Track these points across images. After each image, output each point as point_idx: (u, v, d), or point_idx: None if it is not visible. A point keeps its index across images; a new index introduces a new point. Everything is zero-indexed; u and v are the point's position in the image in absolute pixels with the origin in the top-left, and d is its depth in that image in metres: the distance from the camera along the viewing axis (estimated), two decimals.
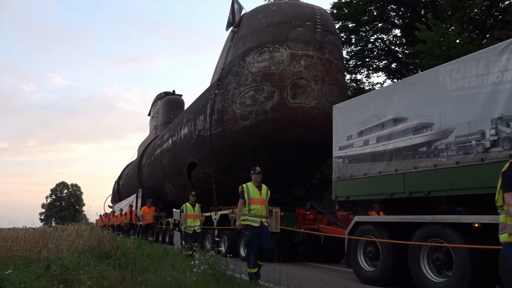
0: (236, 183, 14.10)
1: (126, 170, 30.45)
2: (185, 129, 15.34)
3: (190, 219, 10.98)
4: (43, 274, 6.00)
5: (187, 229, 10.92)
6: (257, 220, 6.97)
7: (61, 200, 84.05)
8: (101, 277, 5.72)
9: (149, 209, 15.78)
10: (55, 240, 9.66)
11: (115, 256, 7.68)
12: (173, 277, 5.59)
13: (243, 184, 7.22)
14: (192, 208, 11.09)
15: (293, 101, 11.24)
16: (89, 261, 6.85)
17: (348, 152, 8.22)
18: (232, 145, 12.37)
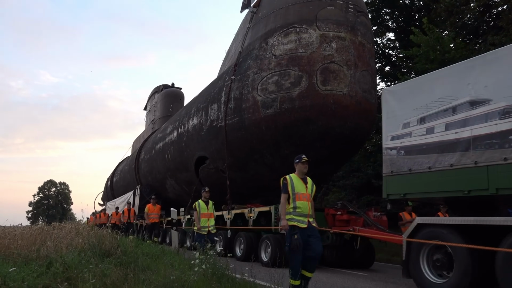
0: (252, 180, 12.91)
1: (121, 166, 28.96)
2: (194, 120, 14.03)
3: (204, 219, 9.68)
4: (45, 272, 5.91)
5: (201, 230, 9.62)
6: (304, 220, 5.73)
7: (49, 199, 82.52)
8: (103, 275, 5.69)
9: (154, 206, 14.40)
10: (54, 238, 9.43)
11: (116, 254, 7.66)
12: (176, 276, 5.59)
13: (286, 176, 5.96)
14: (206, 206, 9.79)
15: (323, 88, 10.04)
16: (90, 259, 6.77)
17: (404, 142, 7.02)
18: (251, 136, 11.12)
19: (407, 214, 10.95)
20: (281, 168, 11.28)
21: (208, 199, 9.91)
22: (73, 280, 5.43)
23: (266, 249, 10.20)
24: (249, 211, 11.08)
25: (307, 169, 5.92)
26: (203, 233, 9.59)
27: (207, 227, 9.64)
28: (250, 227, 11.08)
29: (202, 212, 9.70)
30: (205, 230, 9.61)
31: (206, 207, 9.77)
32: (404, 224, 10.83)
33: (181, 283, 5.32)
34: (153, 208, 14.41)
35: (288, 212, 5.75)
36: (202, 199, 9.88)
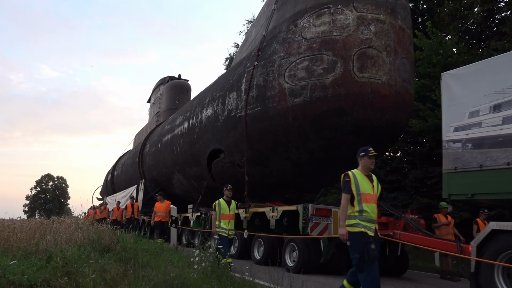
0: (272, 176, 11.85)
1: (123, 160, 27.88)
2: (209, 109, 12.98)
3: (224, 221, 8.59)
4: (44, 266, 5.90)
5: (221, 231, 8.55)
6: (371, 227, 4.72)
7: (46, 193, 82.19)
8: (103, 271, 5.69)
9: (162, 203, 13.28)
10: (53, 232, 9.41)
11: (115, 250, 7.64)
12: (176, 273, 5.58)
13: (348, 172, 4.93)
14: (227, 206, 8.70)
15: (360, 75, 9.00)
16: (89, 254, 6.77)
17: (472, 133, 6.00)
18: (276, 127, 10.07)
19: (442, 216, 9.96)
20: (307, 164, 10.29)
21: (230, 198, 8.86)
22: (73, 274, 5.41)
23: (291, 253, 9.16)
24: (272, 210, 10.04)
25: (373, 165, 4.89)
26: (223, 234, 8.53)
27: (226, 229, 8.58)
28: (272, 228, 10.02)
29: (223, 213, 8.64)
30: (225, 232, 8.55)
31: (228, 208, 8.71)
32: (439, 227, 9.84)
33: (181, 280, 5.30)
34: (161, 206, 13.29)
35: (353, 216, 4.72)
36: (224, 198, 8.82)
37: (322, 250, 8.77)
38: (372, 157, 4.86)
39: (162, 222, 13.19)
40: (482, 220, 9.91)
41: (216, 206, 8.68)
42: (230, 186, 8.89)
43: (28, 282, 5.14)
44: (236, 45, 35.63)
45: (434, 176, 13.85)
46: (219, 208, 8.64)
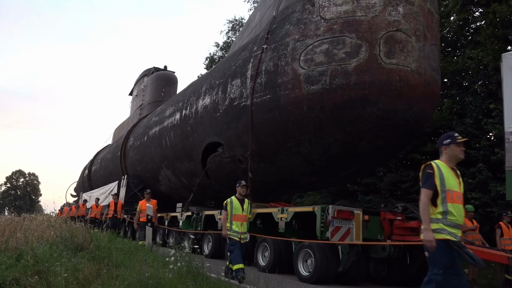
0: (279, 173, 10.68)
1: (102, 154, 26.25)
2: (206, 99, 11.76)
3: (236, 222, 7.43)
4: (14, 264, 5.76)
5: (232, 235, 7.38)
6: (457, 234, 3.70)
7: (16, 189, 79.62)
8: (76, 270, 5.60)
9: (148, 202, 11.98)
10: (24, 229, 9.08)
11: (89, 249, 7.52)
12: (150, 273, 5.54)
13: (431, 162, 3.87)
14: (241, 206, 7.54)
15: (387, 61, 8.00)
16: (62, 253, 6.67)
17: None
18: (287, 118, 8.97)
19: (468, 221, 9.05)
20: (320, 160, 9.24)
21: (244, 196, 7.70)
22: (44, 273, 5.28)
23: (305, 260, 8.07)
24: (281, 211, 8.92)
25: (463, 155, 3.85)
26: (234, 238, 7.36)
27: (239, 232, 7.41)
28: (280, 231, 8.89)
29: (235, 214, 7.48)
30: (237, 235, 7.38)
31: (241, 207, 7.55)
32: (465, 232, 8.92)
33: (156, 280, 5.23)
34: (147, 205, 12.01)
35: (435, 219, 3.68)
36: (237, 196, 7.65)
37: (341, 258, 7.72)
38: (460, 144, 3.82)
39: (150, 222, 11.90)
40: (506, 224, 9.09)
41: (228, 205, 7.52)
42: (244, 182, 7.75)
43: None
44: (216, 45, 34.81)
45: (408, 180, 13.95)
46: (231, 208, 7.48)
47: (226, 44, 33.48)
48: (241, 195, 7.66)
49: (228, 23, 34.14)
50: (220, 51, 34.13)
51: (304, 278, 7.80)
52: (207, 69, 32.90)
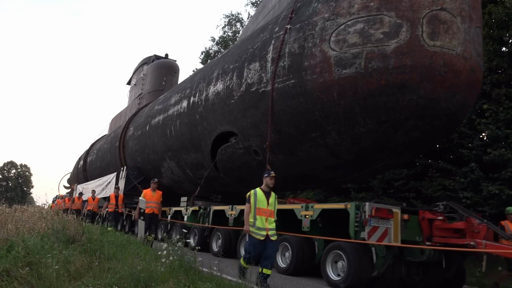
0: (299, 166, 9.80)
1: (98, 145, 25.24)
2: (218, 85, 10.86)
3: (261, 217, 6.55)
4: (5, 256, 5.66)
5: (255, 234, 6.52)
6: None
7: (8, 180, 78.73)
8: (67, 262, 5.60)
9: (153, 192, 11.04)
10: (15, 220, 8.96)
11: (81, 241, 7.47)
12: (143, 266, 5.51)
13: None
14: (266, 199, 6.67)
15: (431, 43, 7.16)
16: (53, 245, 6.62)
17: None
18: (313, 106, 8.12)
19: (510, 224, 8.27)
20: (347, 153, 8.41)
21: (270, 189, 6.83)
22: (35, 265, 5.27)
23: (334, 262, 7.25)
24: (304, 208, 8.08)
25: None
26: (258, 238, 6.50)
27: (264, 229, 6.55)
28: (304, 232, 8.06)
29: (260, 207, 6.60)
30: (262, 233, 6.52)
31: (266, 201, 6.68)
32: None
33: (148, 274, 5.25)
34: (152, 195, 11.07)
35: None
36: (262, 188, 6.79)
37: (375, 262, 6.92)
38: None
39: (154, 215, 10.99)
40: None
41: (251, 197, 6.64)
42: (273, 173, 6.86)
43: None
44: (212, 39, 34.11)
45: (401, 178, 13.93)
46: (254, 200, 6.60)
47: (222, 39, 32.71)
48: (268, 187, 6.79)
49: (225, 18, 33.41)
50: (216, 45, 33.44)
51: (334, 282, 6.99)
52: (202, 63, 32.09)
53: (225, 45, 31.83)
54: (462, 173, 11.89)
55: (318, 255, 7.98)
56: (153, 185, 11.03)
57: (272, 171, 6.98)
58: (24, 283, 4.78)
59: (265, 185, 6.76)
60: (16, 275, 4.89)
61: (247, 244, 6.67)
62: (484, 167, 11.50)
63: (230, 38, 32.49)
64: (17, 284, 4.73)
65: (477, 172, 11.35)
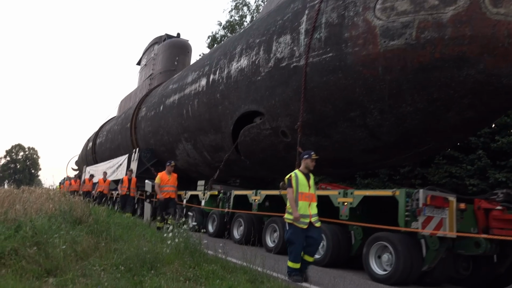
0: (332, 149, 9.01)
1: (108, 126, 24.59)
2: (242, 60, 10.07)
3: (303, 202, 5.85)
4: (13, 235, 5.68)
5: (299, 221, 5.81)
6: None
7: (16, 163, 79.26)
8: (74, 243, 5.66)
9: (169, 175, 10.34)
10: (23, 201, 8.97)
11: (87, 222, 7.48)
12: (149, 248, 5.60)
13: None
14: (307, 182, 5.96)
15: (494, 11, 6.29)
16: (60, 225, 6.62)
17: None
18: (353, 82, 7.33)
19: None
20: (389, 134, 7.64)
21: (309, 171, 6.11)
22: (43, 245, 5.28)
23: (379, 254, 6.55)
24: (342, 194, 7.36)
25: None
26: (301, 226, 5.80)
27: (308, 216, 5.85)
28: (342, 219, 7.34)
29: (302, 192, 5.89)
30: (305, 221, 5.83)
31: (307, 184, 5.97)
32: None
33: (154, 255, 5.32)
34: (167, 178, 10.37)
35: None
36: (301, 170, 6.07)
37: (425, 255, 6.21)
38: None
39: (171, 199, 10.33)
40: None
41: (293, 180, 5.92)
42: (314, 154, 6.12)
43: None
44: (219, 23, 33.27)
45: (407, 164, 13.22)
46: (296, 184, 5.89)
47: (229, 23, 31.82)
48: (307, 169, 6.07)
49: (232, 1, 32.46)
50: (223, 30, 32.61)
51: (380, 277, 6.30)
52: (209, 47, 31.29)
53: (231, 30, 30.98)
54: (469, 160, 11.70)
55: (356, 245, 7.31)
56: (168, 168, 10.34)
57: (313, 152, 6.22)
58: (32, 262, 4.82)
59: (305, 167, 6.06)
60: (24, 254, 4.93)
61: (288, 234, 5.98)
62: (491, 155, 11.34)
63: (236, 22, 31.57)
64: (25, 263, 4.78)
65: (484, 159, 11.16)
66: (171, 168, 10.44)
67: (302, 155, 6.20)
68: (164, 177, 10.44)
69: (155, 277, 4.73)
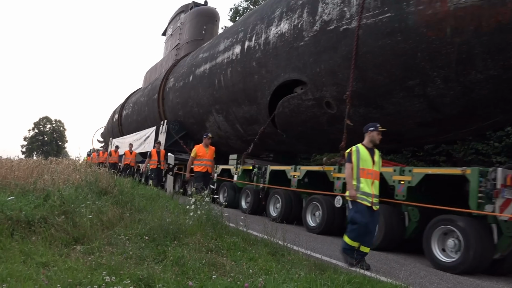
0: (385, 122, 8.11)
1: (134, 98, 24.17)
2: (283, 25, 9.27)
3: (365, 180, 5.20)
4: (42, 204, 5.78)
5: (361, 199, 5.18)
6: None
7: (43, 135, 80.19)
8: (100, 212, 5.78)
9: (206, 148, 9.71)
10: (51, 172, 8.95)
11: (112, 193, 7.59)
12: (172, 219, 5.66)
13: None
14: (370, 157, 5.29)
15: None
16: (87, 196, 6.78)
17: None
18: (415, 46, 6.50)
19: None
20: (452, 106, 6.82)
21: (373, 146, 5.42)
22: (70, 214, 5.41)
23: (442, 242, 5.87)
24: (399, 172, 6.64)
25: None
26: (365, 203, 5.17)
27: (370, 195, 5.20)
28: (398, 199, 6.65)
29: (364, 168, 5.24)
30: (367, 198, 5.18)
31: (371, 159, 5.30)
32: None
33: (177, 226, 5.42)
34: (205, 151, 9.75)
35: None
36: (365, 144, 5.39)
37: (496, 242, 5.50)
38: None
39: (207, 173, 9.75)
40: None
41: (353, 155, 5.27)
42: (380, 126, 5.42)
43: (25, 218, 5.08)
44: None
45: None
46: (357, 159, 5.24)
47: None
48: (372, 143, 5.39)
49: None
50: (245, 2, 31.45)
51: (446, 265, 5.64)
52: (232, 21, 30.27)
53: (254, 2, 29.80)
54: (496, 137, 11.20)
55: (410, 227, 6.64)
56: (206, 140, 9.69)
57: (378, 123, 5.50)
58: (60, 230, 4.97)
59: (369, 141, 5.38)
60: (52, 223, 5.08)
61: (351, 213, 5.35)
62: None
63: None
64: (54, 231, 4.92)
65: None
66: (208, 141, 9.77)
67: (366, 128, 5.50)
68: (201, 150, 9.74)
69: (178, 247, 4.79)
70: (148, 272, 3.67)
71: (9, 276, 3.39)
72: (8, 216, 4.98)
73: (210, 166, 9.73)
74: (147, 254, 4.42)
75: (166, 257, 4.39)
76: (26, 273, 3.53)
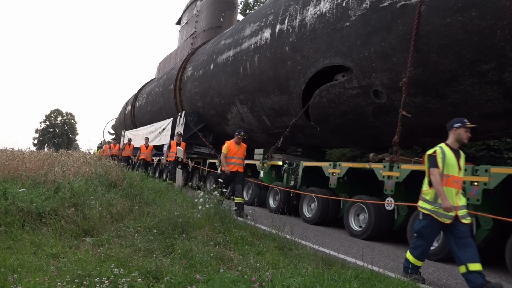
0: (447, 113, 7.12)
1: (148, 88, 23.30)
2: (322, 3, 8.27)
3: (449, 188, 4.21)
4: (52, 196, 5.89)
5: (439, 215, 4.21)
6: None
7: (55, 127, 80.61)
8: (109, 205, 5.84)
9: (238, 146, 8.73)
10: (61, 164, 9.09)
11: (122, 186, 7.64)
12: (180, 212, 5.69)
13: None
14: (456, 161, 4.31)
15: None
16: (96, 188, 6.83)
17: None
18: (495, 22, 5.48)
19: None
20: None
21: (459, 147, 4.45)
22: (80, 206, 5.49)
23: None
24: (471, 172, 5.64)
25: None
26: (443, 220, 4.23)
27: (454, 208, 4.23)
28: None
29: (448, 174, 4.27)
30: (451, 215, 4.22)
31: (457, 164, 4.32)
32: None
33: (185, 219, 5.47)
34: (236, 149, 8.80)
35: None
36: (449, 144, 4.41)
37: None
38: None
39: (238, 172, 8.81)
40: None
41: (438, 158, 4.31)
42: (468, 122, 4.44)
43: (36, 210, 5.14)
44: None
45: None
46: (443, 163, 4.27)
47: None
48: (458, 142, 4.41)
49: None
50: None
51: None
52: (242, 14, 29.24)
53: None
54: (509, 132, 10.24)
55: (480, 236, 5.66)
56: (237, 137, 8.77)
57: (466, 119, 4.50)
58: (70, 222, 5.04)
59: (455, 140, 4.40)
60: (63, 214, 5.16)
61: (419, 225, 4.41)
62: None
63: None
64: (64, 223, 5.00)
65: None
66: (239, 139, 8.83)
67: (450, 124, 4.51)
68: (232, 147, 8.82)
69: (186, 240, 4.81)
70: (156, 264, 3.68)
71: (19, 267, 3.41)
72: (19, 208, 5.05)
73: (241, 165, 8.83)
74: (156, 247, 4.46)
75: (174, 250, 4.43)
76: (37, 264, 3.56)
